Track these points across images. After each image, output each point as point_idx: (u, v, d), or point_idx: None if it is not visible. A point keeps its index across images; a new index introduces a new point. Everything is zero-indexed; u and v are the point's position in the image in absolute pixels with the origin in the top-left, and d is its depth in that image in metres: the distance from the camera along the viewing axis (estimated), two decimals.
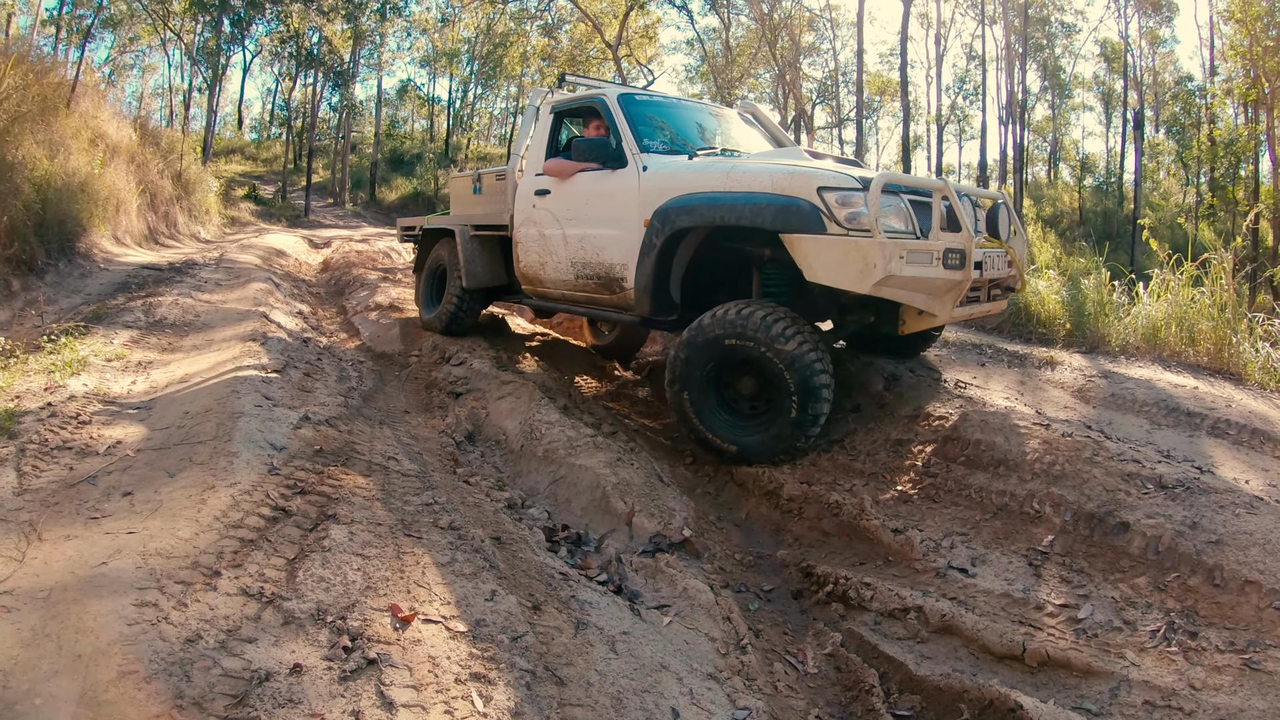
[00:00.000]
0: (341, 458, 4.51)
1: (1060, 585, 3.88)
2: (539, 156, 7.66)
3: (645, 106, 7.18)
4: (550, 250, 7.18)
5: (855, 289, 5.02)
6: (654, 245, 6.00)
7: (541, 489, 5.16)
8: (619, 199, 6.45)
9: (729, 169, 5.76)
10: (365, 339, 9.48)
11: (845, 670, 3.59)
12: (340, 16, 33.11)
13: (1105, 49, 45.18)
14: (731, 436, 5.55)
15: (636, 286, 6.22)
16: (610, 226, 6.54)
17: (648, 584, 3.96)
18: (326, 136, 43.50)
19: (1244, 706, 3.05)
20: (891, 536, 4.40)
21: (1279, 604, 3.48)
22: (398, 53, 47.29)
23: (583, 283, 6.88)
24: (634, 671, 3.05)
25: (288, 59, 35.51)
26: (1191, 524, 3.97)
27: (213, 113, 33.91)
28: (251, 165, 43.79)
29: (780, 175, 5.37)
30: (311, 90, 38.18)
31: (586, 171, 6.87)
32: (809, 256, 5.12)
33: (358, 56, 37.73)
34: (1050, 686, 3.34)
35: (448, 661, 2.75)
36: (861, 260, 4.92)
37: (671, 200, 5.92)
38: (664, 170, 6.21)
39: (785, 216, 5.21)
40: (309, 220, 30.78)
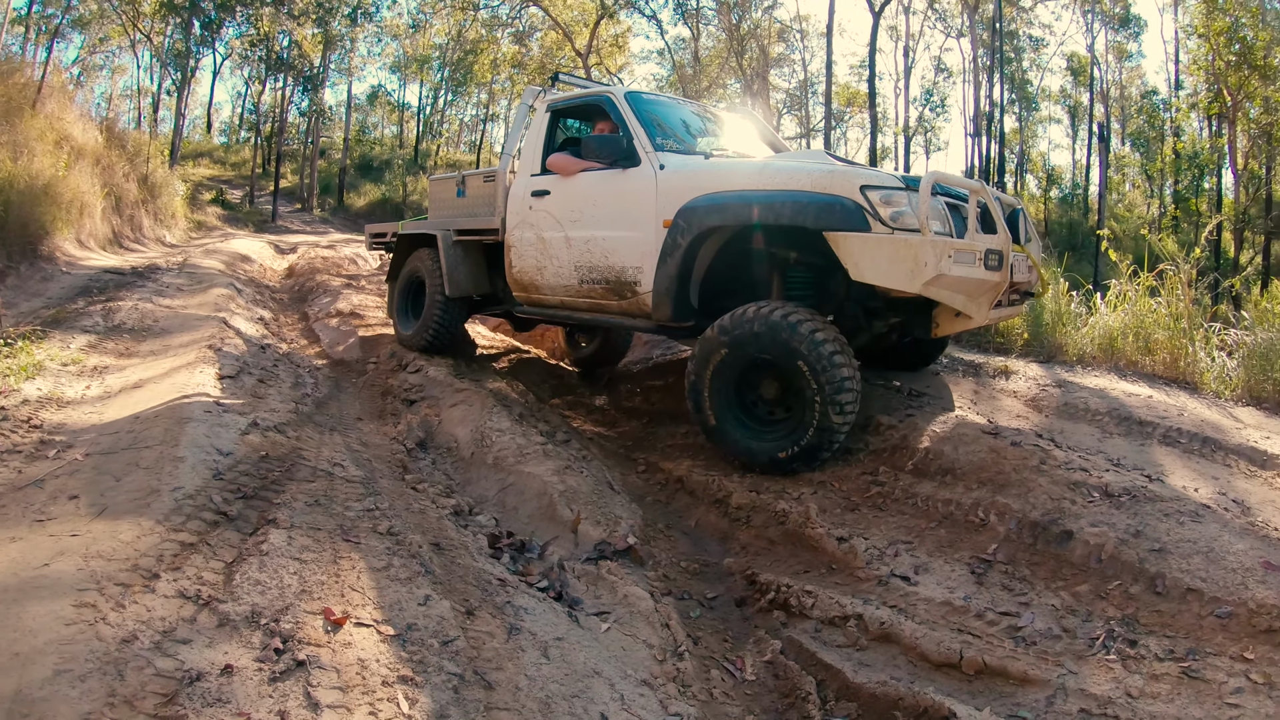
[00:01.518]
0: (287, 464, 4.49)
1: (1002, 593, 3.91)
2: (534, 157, 7.35)
3: (652, 105, 6.95)
4: (550, 254, 6.91)
5: (905, 288, 4.96)
6: (678, 246, 5.80)
7: (490, 496, 5.15)
8: (633, 199, 6.22)
9: (760, 167, 5.66)
10: (325, 345, 9.43)
11: (783, 678, 3.60)
12: (311, 21, 33.11)
13: (1072, 63, 45.68)
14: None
15: (656, 290, 5.98)
16: (622, 228, 6.29)
17: (589, 591, 3.96)
18: (295, 141, 43.31)
19: (1181, 715, 3.08)
20: (836, 545, 4.41)
21: (1220, 612, 3.51)
22: (368, 58, 47.25)
23: (588, 288, 6.62)
24: (565, 677, 3.05)
25: (257, 62, 35.54)
26: (1135, 532, 4.00)
27: (181, 116, 33.80)
28: (220, 169, 43.50)
29: (820, 174, 5.28)
30: (281, 94, 38.07)
31: (591, 171, 6.65)
32: (856, 255, 5.01)
33: (328, 61, 37.63)
34: (987, 694, 3.35)
35: (376, 664, 2.76)
36: (912, 259, 4.86)
37: (698, 199, 5.73)
38: (685, 169, 6.03)
39: (829, 215, 5.09)
40: (276, 225, 30.71)
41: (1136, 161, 42.33)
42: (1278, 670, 3.20)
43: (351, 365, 8.42)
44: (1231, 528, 4.04)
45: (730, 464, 5.63)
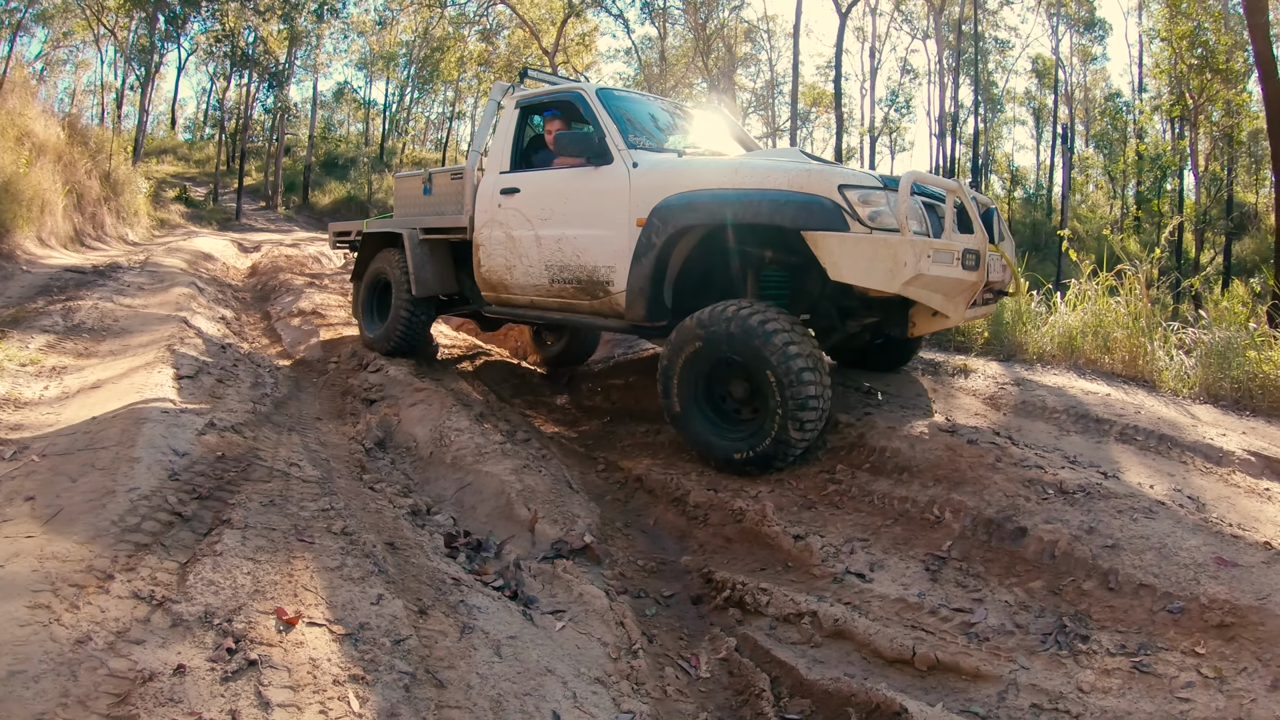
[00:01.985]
0: (243, 464, 4.46)
1: (956, 590, 3.94)
2: (504, 153, 7.25)
3: (624, 102, 6.89)
4: (520, 253, 6.81)
5: (883, 288, 4.93)
6: (652, 245, 5.71)
7: (449, 495, 5.14)
8: (605, 197, 6.14)
9: (736, 166, 5.59)
10: (286, 345, 9.37)
11: (737, 675, 3.61)
12: (276, 16, 32.94)
13: (1037, 65, 46.09)
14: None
15: (629, 290, 5.90)
16: (594, 226, 6.21)
17: (545, 589, 3.97)
18: (260, 138, 43.06)
19: (1131, 710, 3.11)
20: (792, 542, 4.43)
21: (1172, 607, 3.54)
22: (334, 55, 47.07)
23: (559, 288, 6.53)
24: (517, 675, 3.06)
25: (222, 58, 35.29)
26: (1089, 529, 4.04)
27: (145, 112, 33.63)
28: (184, 166, 43.16)
29: (797, 172, 5.22)
30: (246, 91, 37.86)
31: (562, 169, 6.60)
32: (834, 254, 4.98)
33: (294, 58, 37.48)
34: (939, 690, 3.38)
35: (328, 663, 2.76)
36: (891, 259, 4.84)
37: (672, 198, 5.65)
38: (659, 167, 5.95)
39: (807, 214, 5.05)
40: (240, 223, 30.55)
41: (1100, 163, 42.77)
42: (1229, 664, 3.23)
43: (313, 365, 8.36)
44: (1185, 524, 4.08)
45: (689, 462, 5.66)
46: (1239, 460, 5.25)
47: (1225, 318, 8.06)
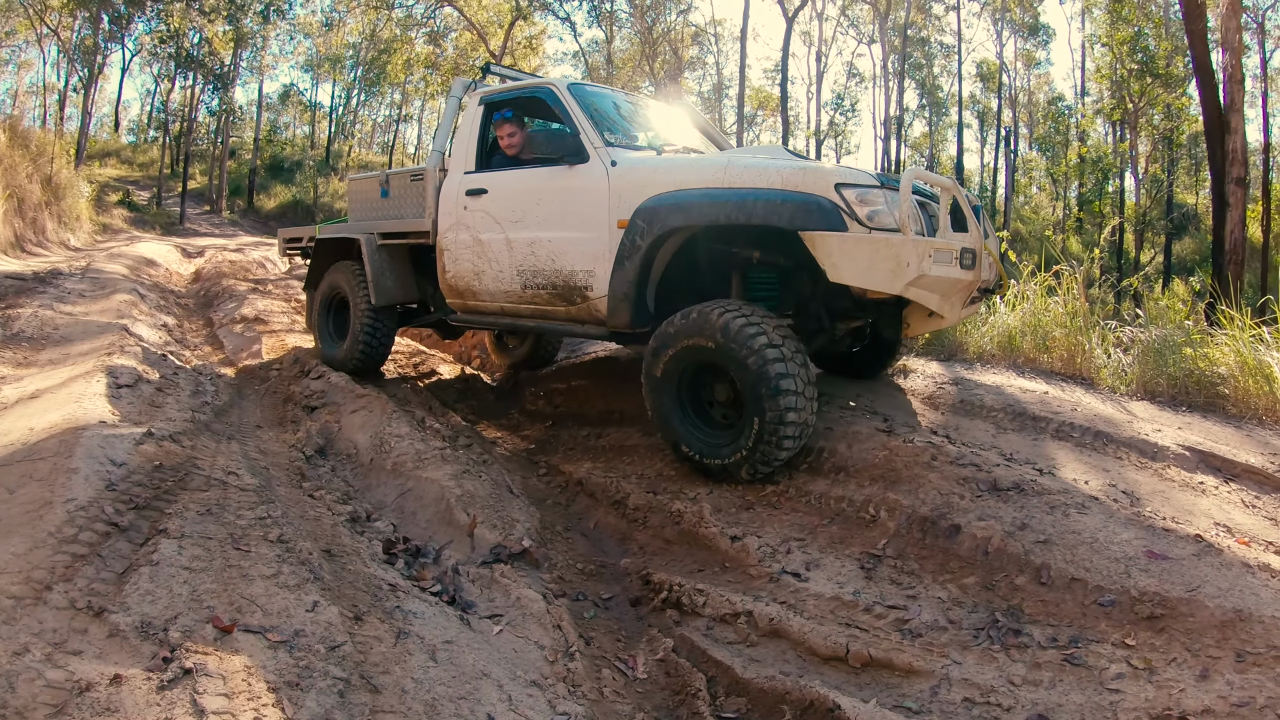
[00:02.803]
0: (181, 473, 4.44)
1: (890, 587, 3.99)
2: (468, 153, 6.89)
3: (597, 98, 6.61)
4: (489, 258, 6.50)
5: (885, 289, 4.82)
6: (637, 248, 5.48)
7: (389, 502, 5.14)
8: (582, 198, 5.88)
9: (724, 164, 5.34)
10: (229, 352, 9.28)
11: (674, 675, 3.65)
12: (222, 17, 32.65)
13: (982, 69, 46.59)
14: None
15: (612, 296, 5.66)
16: (571, 229, 5.94)
17: (483, 594, 3.98)
18: (205, 141, 42.65)
19: (1062, 701, 3.16)
20: (729, 543, 4.47)
21: (1103, 600, 3.60)
22: (280, 56, 46.73)
23: (532, 294, 6.24)
24: (452, 679, 3.07)
25: (167, 59, 34.93)
26: (1021, 525, 4.10)
27: (88, 114, 33.16)
28: (127, 170, 42.61)
29: (792, 171, 5.04)
30: (191, 93, 37.48)
31: (532, 168, 6.32)
32: (834, 256, 4.81)
33: (239, 59, 37.16)
34: (873, 686, 3.42)
35: (262, 670, 2.76)
36: (893, 259, 4.72)
37: (656, 198, 5.43)
38: (641, 166, 5.73)
39: (805, 215, 4.87)
40: (184, 228, 30.21)
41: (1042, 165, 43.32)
42: (1158, 655, 3.29)
43: (255, 372, 8.27)
44: (1117, 518, 4.14)
45: (629, 465, 5.68)
46: (1174, 455, 5.32)
47: (1165, 316, 8.19)
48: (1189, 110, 28.40)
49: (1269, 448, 5.66)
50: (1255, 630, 3.25)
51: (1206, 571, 3.64)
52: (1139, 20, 29.63)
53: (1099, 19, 34.24)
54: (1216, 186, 12.94)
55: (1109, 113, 32.73)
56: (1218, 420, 6.34)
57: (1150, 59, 28.82)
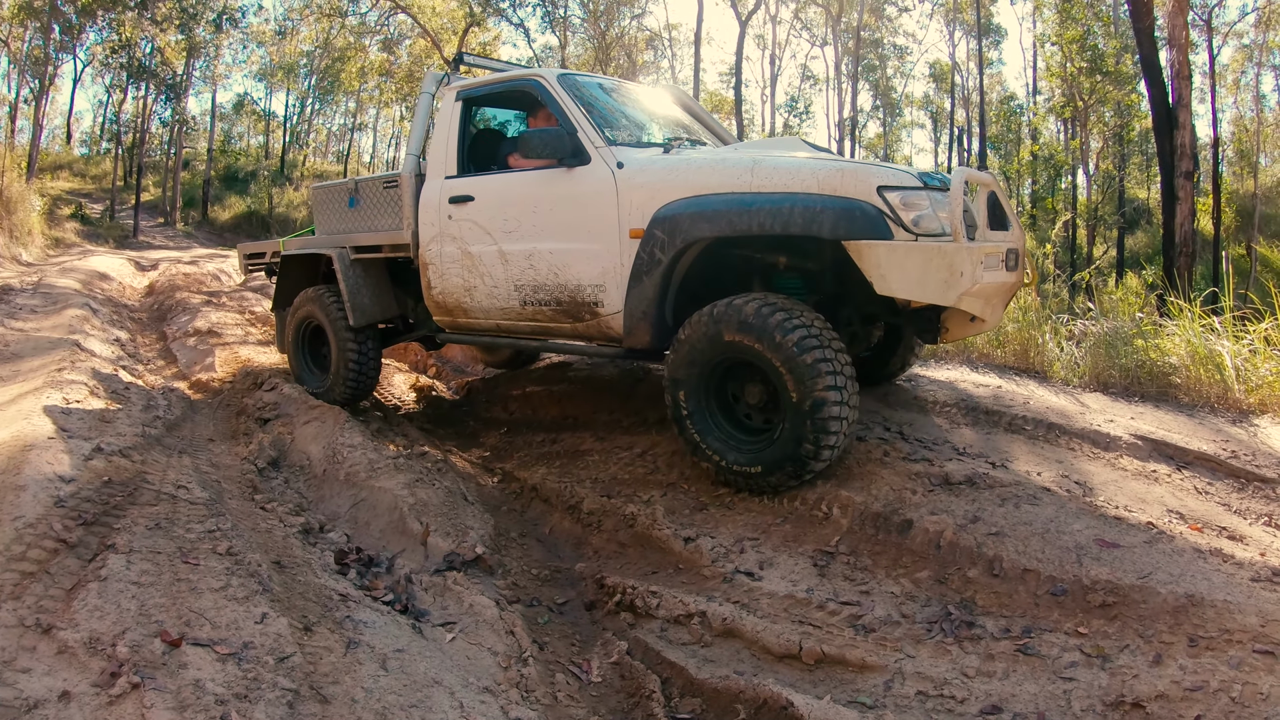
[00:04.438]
0: (130, 488, 4.41)
1: (844, 584, 4.01)
2: (447, 155, 6.31)
3: (591, 89, 6.06)
4: (480, 272, 5.98)
5: (939, 301, 4.44)
6: (657, 261, 5.01)
7: (343, 512, 5.12)
8: (586, 204, 5.41)
9: (750, 164, 4.86)
10: (182, 365, 9.20)
11: (629, 678, 3.65)
12: (174, 27, 32.33)
13: (935, 70, 47.02)
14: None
15: (629, 313, 5.20)
16: (575, 239, 5.46)
17: (436, 602, 3.98)
18: (158, 152, 42.21)
19: (1015, 691, 3.20)
20: (683, 545, 4.47)
21: (1055, 590, 3.65)
22: (234, 66, 46.34)
23: (533, 310, 5.76)
24: (403, 688, 3.07)
25: (119, 69, 34.57)
26: (974, 518, 4.15)
27: (39, 125, 32.69)
28: (80, 182, 42.08)
29: (828, 172, 4.60)
30: (143, 103, 37.12)
31: (524, 172, 5.82)
32: (882, 266, 4.39)
33: (192, 69, 36.82)
34: (827, 682, 3.45)
35: (211, 683, 2.76)
36: (947, 269, 4.33)
37: (675, 205, 4.97)
38: (652, 167, 5.23)
39: (848, 221, 4.44)
40: (138, 241, 29.90)
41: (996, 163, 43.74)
42: (1110, 643, 3.33)
43: (207, 385, 8.20)
44: (1069, 509, 4.20)
45: (583, 470, 5.68)
46: (1126, 444, 5.37)
47: (1119, 309, 8.28)
48: (1139, 107, 28.75)
49: (1221, 435, 5.74)
50: (1208, 614, 3.30)
51: (1158, 558, 3.69)
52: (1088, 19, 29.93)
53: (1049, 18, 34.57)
54: (1166, 181, 13.16)
55: (1059, 110, 33.06)
56: (1170, 409, 6.41)
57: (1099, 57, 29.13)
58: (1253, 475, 5.02)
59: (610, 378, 7.32)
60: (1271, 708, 2.85)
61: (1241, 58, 37.65)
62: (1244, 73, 38.27)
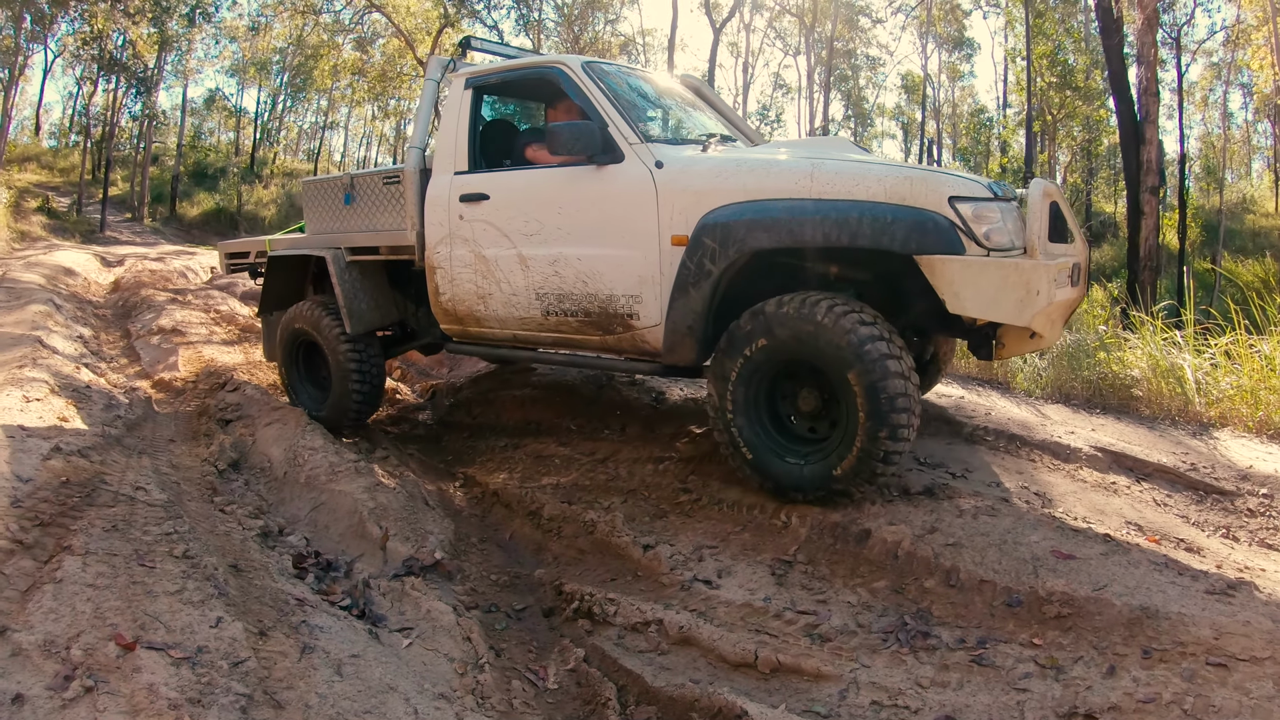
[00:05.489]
0: (88, 489, 4.40)
1: (801, 593, 4.02)
2: (456, 149, 5.78)
3: (617, 78, 5.60)
4: (498, 278, 5.51)
5: (1013, 321, 4.14)
6: (706, 273, 4.60)
7: (302, 515, 5.10)
8: (620, 207, 4.99)
9: (810, 168, 4.46)
10: (145, 364, 9.12)
11: (585, 685, 3.65)
12: (147, 19, 32.11)
13: (907, 81, 47.36)
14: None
15: (671, 329, 4.81)
16: (606, 244, 5.05)
17: (393, 607, 3.98)
18: (127, 146, 41.83)
19: (969, 702, 3.22)
20: (642, 552, 4.48)
21: (1011, 601, 3.67)
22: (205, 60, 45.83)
23: (558, 320, 5.32)
24: (358, 693, 3.07)
25: (90, 62, 34.30)
26: (931, 528, 4.16)
27: (8, 117, 32.28)
28: (48, 175, 41.64)
29: (896, 180, 4.27)
30: (113, 96, 36.85)
31: (546, 169, 5.39)
32: (956, 284, 4.09)
33: (163, 63, 36.54)
34: (782, 692, 3.45)
35: (165, 687, 2.75)
36: (1023, 287, 4.04)
37: (726, 210, 4.57)
38: (695, 168, 4.82)
39: (921, 235, 4.13)
40: (105, 236, 29.68)
41: None
42: (1064, 654, 3.35)
43: (170, 384, 8.15)
44: (1027, 520, 4.22)
45: (544, 475, 5.65)
46: (1086, 456, 5.40)
47: (1083, 321, 8.34)
48: (1107, 122, 29.08)
49: (1181, 447, 5.80)
50: (1162, 627, 3.32)
51: (1114, 570, 3.72)
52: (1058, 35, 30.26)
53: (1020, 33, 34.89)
54: (1132, 195, 13.32)
55: None
56: (1131, 421, 6.47)
57: (1069, 72, 29.45)
58: (1211, 488, 5.08)
59: (573, 384, 7.31)
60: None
61: (1210, 75, 38.21)
62: (1212, 90, 38.83)
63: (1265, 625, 3.22)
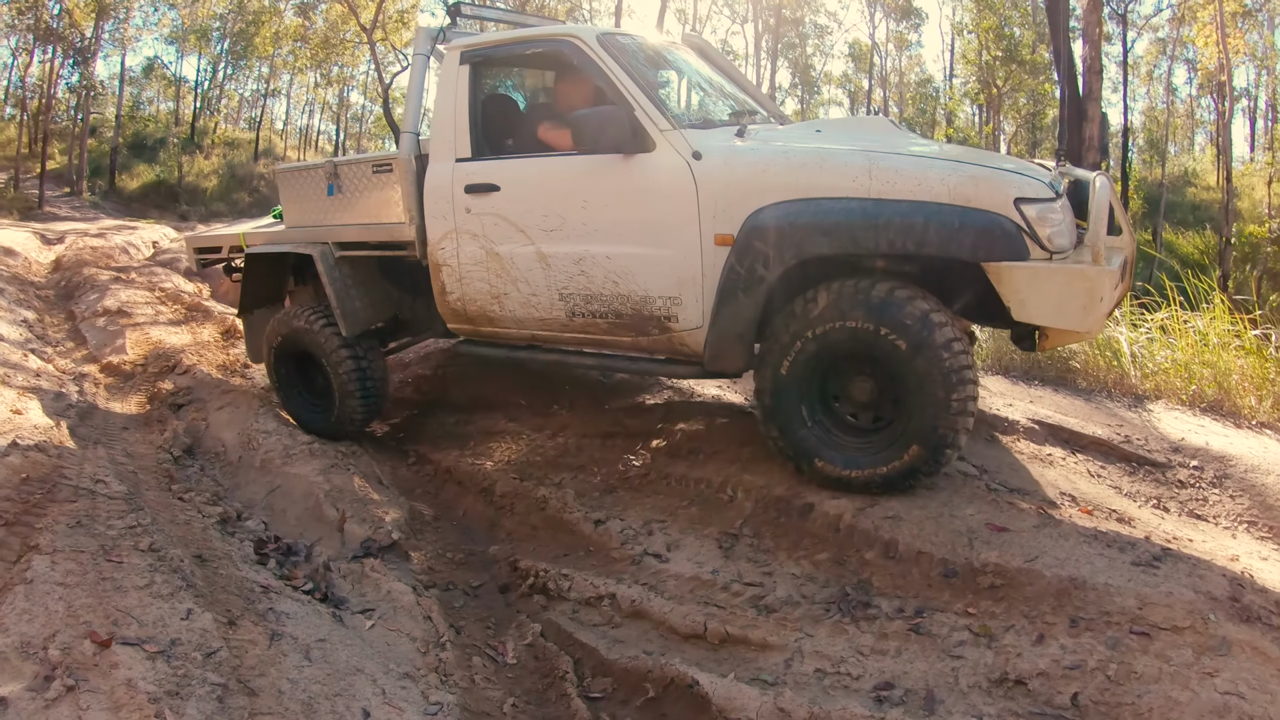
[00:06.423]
0: (48, 484, 4.42)
1: (747, 565, 4.13)
2: (456, 133, 5.15)
3: (636, 52, 5.05)
4: (514, 277, 5.01)
5: (1076, 328, 3.97)
6: (758, 279, 4.22)
7: (259, 500, 5.14)
8: (656, 202, 4.52)
9: (866, 163, 4.08)
10: (92, 348, 8.96)
11: (543, 659, 3.78)
12: None
13: (854, 49, 47.44)
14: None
15: (718, 335, 4.42)
16: (639, 243, 4.58)
17: (354, 589, 4.06)
18: (65, 119, 40.92)
19: (907, 669, 3.36)
20: (593, 528, 4.58)
21: (947, 572, 3.79)
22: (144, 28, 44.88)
23: (584, 322, 4.90)
24: (327, 677, 3.17)
25: (25, 31, 33.48)
26: (871, 502, 4.24)
27: None
28: None
29: (960, 179, 3.96)
30: (50, 67, 36.01)
31: (564, 156, 4.87)
32: (1022, 292, 3.85)
33: (101, 31, 35.70)
34: (731, 661, 3.58)
35: (143, 682, 2.82)
36: (1087, 293, 3.81)
37: (779, 210, 4.17)
38: (738, 160, 4.37)
39: (989, 242, 3.85)
40: (44, 212, 29.00)
41: None
42: (997, 622, 3.49)
43: (118, 368, 8.04)
44: (963, 493, 4.32)
45: (496, 451, 5.69)
46: (1023, 429, 5.48)
47: None
48: (1052, 95, 29.37)
49: (1116, 419, 5.90)
50: (1089, 597, 3.45)
51: (1045, 542, 3.83)
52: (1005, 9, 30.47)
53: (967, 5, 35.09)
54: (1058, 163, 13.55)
55: (974, 96, 33.67)
56: (1068, 393, 6.59)
57: (1015, 46, 29.69)
58: (1144, 459, 5.19)
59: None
60: (1144, 686, 3.02)
61: (1156, 50, 38.54)
62: (1157, 65, 39.26)
63: (1186, 596, 3.35)
